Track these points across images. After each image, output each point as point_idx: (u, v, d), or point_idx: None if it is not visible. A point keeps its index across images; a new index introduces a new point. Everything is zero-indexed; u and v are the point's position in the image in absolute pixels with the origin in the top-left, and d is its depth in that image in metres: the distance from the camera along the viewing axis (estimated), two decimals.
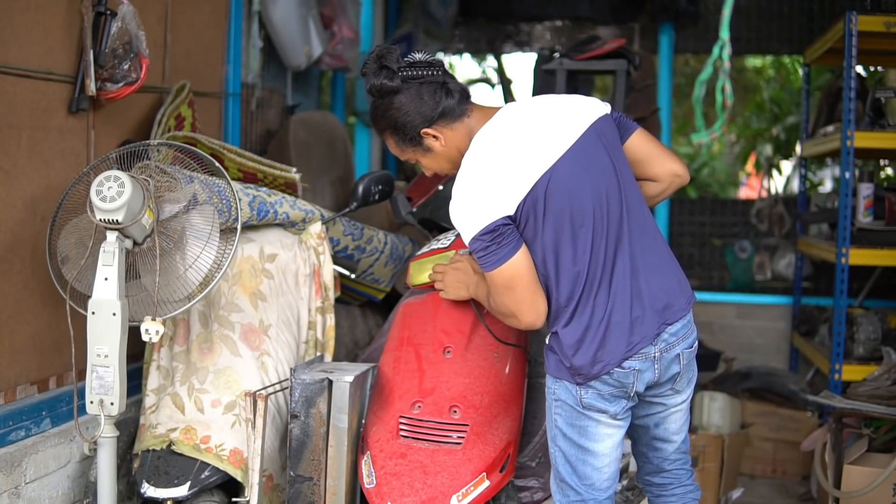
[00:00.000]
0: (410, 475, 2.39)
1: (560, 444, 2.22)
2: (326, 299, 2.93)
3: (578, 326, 2.14)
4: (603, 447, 2.20)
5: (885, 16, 3.95)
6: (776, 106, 7.66)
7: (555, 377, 2.21)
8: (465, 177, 2.16)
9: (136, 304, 2.41)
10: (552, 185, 2.10)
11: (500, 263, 2.09)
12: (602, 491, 2.23)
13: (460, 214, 2.14)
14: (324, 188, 4.01)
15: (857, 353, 4.02)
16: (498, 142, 2.16)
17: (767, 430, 4.39)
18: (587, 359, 2.13)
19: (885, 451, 3.26)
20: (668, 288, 2.19)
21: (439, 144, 2.25)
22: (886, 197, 4.07)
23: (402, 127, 2.24)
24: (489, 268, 2.11)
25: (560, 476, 2.24)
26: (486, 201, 2.10)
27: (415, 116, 2.22)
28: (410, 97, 2.21)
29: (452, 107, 2.22)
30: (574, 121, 2.19)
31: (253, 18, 3.94)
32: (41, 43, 2.57)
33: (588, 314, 2.13)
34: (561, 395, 2.20)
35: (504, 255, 2.09)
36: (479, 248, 2.10)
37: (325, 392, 2.51)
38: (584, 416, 2.18)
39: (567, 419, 2.19)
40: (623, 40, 4.11)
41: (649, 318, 2.15)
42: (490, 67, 7.94)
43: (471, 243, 2.12)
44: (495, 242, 2.08)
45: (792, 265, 5.49)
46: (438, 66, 2.23)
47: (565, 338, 2.15)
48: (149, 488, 2.49)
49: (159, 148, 2.62)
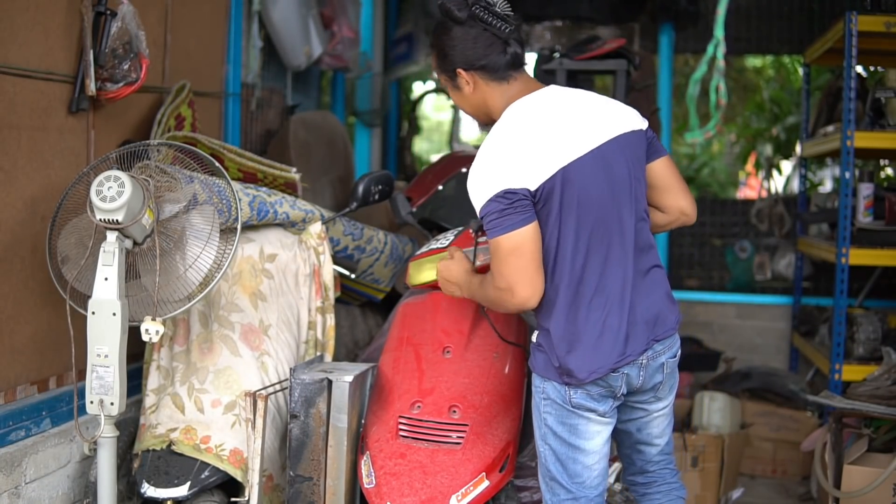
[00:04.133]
0: (410, 475, 2.39)
1: (550, 443, 2.23)
2: (326, 299, 2.93)
3: (571, 326, 2.14)
4: (593, 444, 2.21)
5: (885, 16, 3.95)
6: (776, 106, 7.65)
7: (542, 377, 2.21)
8: (497, 139, 2.15)
9: (136, 304, 2.41)
10: (570, 178, 2.11)
11: (511, 229, 2.07)
12: (593, 489, 2.23)
13: (483, 172, 2.12)
14: (324, 188, 4.01)
15: (857, 353, 4.02)
16: (535, 118, 2.16)
17: (767, 430, 4.39)
18: (578, 363, 2.13)
19: (885, 451, 3.26)
20: (660, 307, 2.22)
21: (469, 89, 2.26)
22: (886, 197, 4.07)
23: (444, 55, 2.25)
24: (500, 232, 2.07)
25: (550, 475, 2.24)
26: (513, 168, 2.09)
27: (458, 54, 2.22)
28: (465, 35, 2.21)
29: (498, 66, 2.21)
30: (606, 124, 2.20)
31: (253, 18, 3.94)
32: (41, 43, 2.57)
33: (583, 316, 2.14)
34: (550, 394, 2.20)
35: (517, 223, 2.07)
36: (493, 210, 2.07)
37: (324, 392, 2.51)
38: (574, 415, 2.18)
39: (558, 417, 2.20)
40: (623, 40, 4.11)
41: (640, 331, 2.18)
42: None
43: (487, 204, 2.09)
44: (512, 207, 2.07)
45: (792, 265, 5.49)
46: (512, 23, 2.21)
47: (556, 334, 2.15)
48: (149, 488, 2.49)
49: (159, 148, 2.62)
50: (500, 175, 2.09)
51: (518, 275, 2.08)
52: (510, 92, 2.23)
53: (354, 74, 5.31)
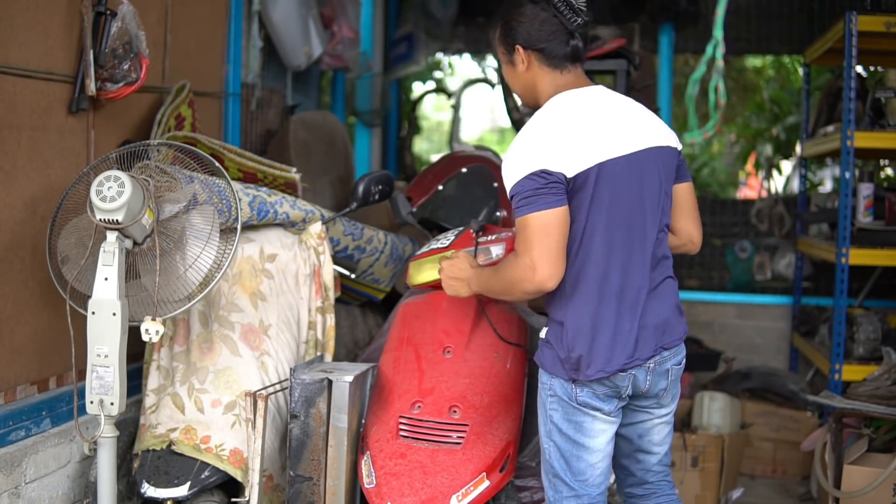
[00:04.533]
0: (410, 475, 2.39)
1: (556, 440, 2.23)
2: (326, 299, 2.93)
3: (588, 321, 2.15)
4: (597, 443, 2.22)
5: (885, 16, 3.95)
6: (776, 106, 7.66)
7: (550, 373, 2.22)
8: (541, 122, 2.18)
9: (136, 304, 2.41)
10: (605, 175, 2.13)
11: (543, 208, 2.07)
12: (595, 487, 2.24)
13: (523, 150, 2.13)
14: (324, 188, 4.01)
15: (857, 353, 4.02)
16: (581, 110, 2.19)
17: (767, 430, 4.39)
18: (588, 359, 2.15)
19: (885, 451, 3.26)
20: (669, 316, 2.25)
21: (522, 67, 2.29)
22: (886, 197, 4.07)
23: (508, 28, 2.30)
24: (532, 209, 2.07)
25: (553, 471, 2.25)
26: (553, 151, 2.11)
27: (521, 31, 2.26)
28: (535, 15, 2.24)
29: (556, 54, 2.24)
30: (646, 133, 2.24)
31: (253, 18, 3.94)
32: (41, 43, 2.57)
33: (600, 313, 2.15)
34: (557, 391, 2.21)
35: (551, 203, 2.08)
36: (527, 188, 2.08)
37: (324, 392, 2.51)
38: (580, 412, 2.19)
39: (564, 415, 2.21)
40: (623, 40, 4.11)
41: (650, 336, 2.20)
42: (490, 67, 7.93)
43: (522, 181, 2.09)
44: (547, 188, 2.08)
45: (792, 265, 5.49)
46: (582, 18, 2.23)
47: (571, 325, 2.16)
48: (149, 488, 2.49)
49: (159, 148, 2.62)
50: (539, 155, 2.10)
51: (544, 253, 2.07)
52: (561, 81, 2.26)
53: (354, 74, 5.31)
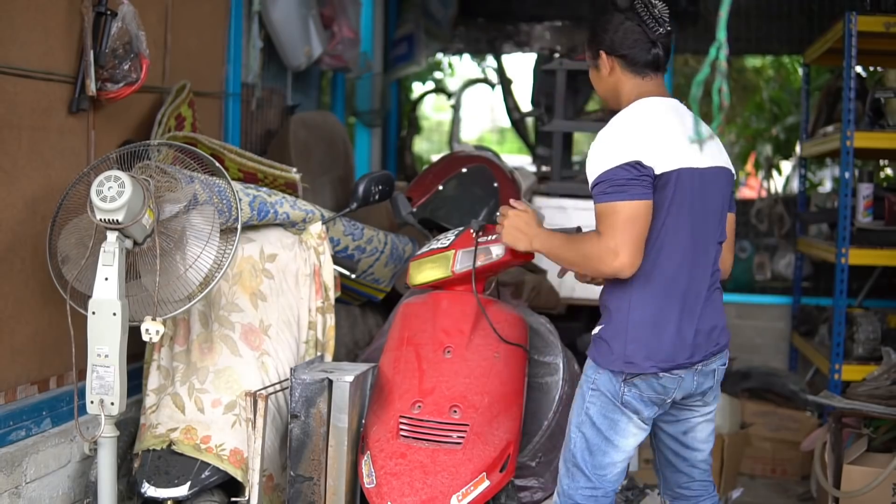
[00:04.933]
0: (410, 475, 2.39)
1: (585, 431, 2.28)
2: (327, 299, 2.93)
3: (654, 315, 2.23)
4: (626, 444, 2.27)
5: (884, 16, 3.96)
6: (776, 106, 7.66)
7: (598, 366, 2.27)
8: (634, 116, 2.25)
9: (136, 304, 2.41)
10: (683, 181, 2.22)
11: (635, 198, 2.15)
12: (611, 483, 2.29)
13: (617, 139, 2.20)
14: (324, 188, 4.01)
15: (857, 352, 4.02)
16: (668, 115, 2.28)
17: (767, 429, 4.39)
18: (646, 352, 2.22)
19: (884, 450, 3.27)
20: (719, 323, 2.35)
21: (605, 72, 2.38)
22: (886, 197, 4.07)
23: (594, 34, 2.39)
24: (623, 198, 2.15)
25: (574, 461, 2.29)
26: (647, 146, 2.19)
27: (607, 38, 2.35)
28: (620, 23, 2.33)
29: (638, 61, 2.32)
30: (717, 153, 2.35)
31: (253, 18, 3.94)
32: (42, 43, 2.57)
33: (666, 311, 2.23)
34: (601, 385, 2.26)
35: (641, 194, 2.16)
36: (619, 177, 2.16)
37: (325, 392, 2.51)
38: (619, 411, 2.25)
39: (602, 409, 2.26)
40: None
41: (703, 341, 2.29)
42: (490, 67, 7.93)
43: (613, 170, 2.16)
44: (638, 179, 2.16)
45: (792, 265, 5.49)
46: (665, 28, 2.30)
47: (635, 317, 2.23)
48: (149, 488, 2.49)
49: (160, 148, 2.62)
50: (634, 147, 2.18)
51: (628, 241, 2.15)
52: (643, 88, 2.34)
53: (354, 74, 5.31)
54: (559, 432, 2.92)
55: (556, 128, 4.08)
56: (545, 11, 6.73)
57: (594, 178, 2.21)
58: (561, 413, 2.89)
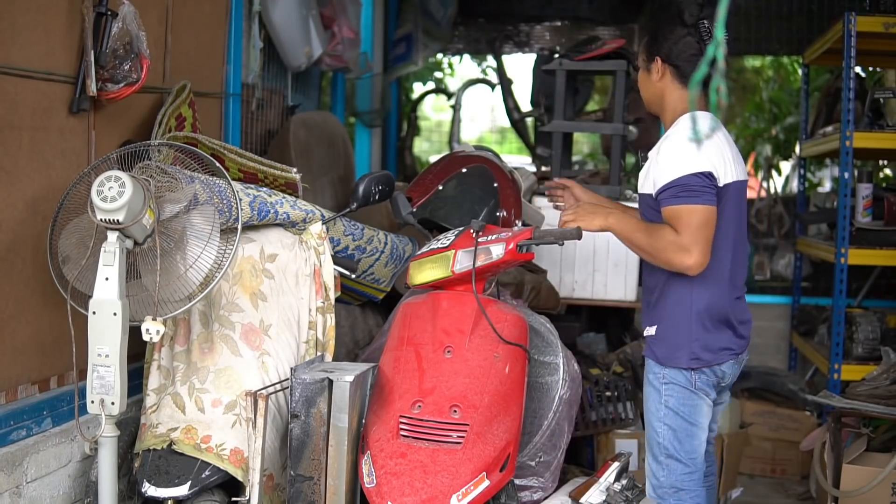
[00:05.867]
0: (410, 475, 2.39)
1: (670, 422, 2.52)
2: (327, 299, 2.93)
3: (718, 309, 2.51)
4: (704, 424, 2.56)
5: (883, 16, 3.96)
6: (775, 106, 7.66)
7: (663, 365, 2.52)
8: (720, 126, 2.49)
9: (136, 304, 2.42)
10: (731, 192, 2.50)
11: (710, 203, 2.41)
12: (701, 461, 2.57)
13: (691, 147, 2.41)
14: (324, 188, 4.01)
15: (856, 352, 4.03)
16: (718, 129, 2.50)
17: (767, 429, 4.40)
18: (714, 342, 2.50)
19: (883, 450, 3.27)
20: (750, 320, 2.66)
21: (656, 77, 2.59)
22: (885, 197, 4.08)
23: (655, 38, 2.60)
24: (700, 201, 2.40)
25: (667, 453, 2.53)
26: (715, 159, 2.45)
27: (666, 46, 2.56)
28: (681, 36, 2.54)
29: (688, 74, 2.55)
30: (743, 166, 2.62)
31: (253, 19, 3.94)
32: (42, 44, 2.57)
33: (726, 306, 2.52)
34: (673, 378, 2.51)
35: (713, 201, 2.42)
36: (695, 183, 2.40)
37: (325, 392, 2.51)
38: (696, 396, 2.52)
39: (680, 399, 2.51)
40: (623, 41, 4.12)
41: (744, 333, 2.60)
42: (490, 68, 7.93)
43: (690, 176, 2.40)
44: (710, 188, 2.42)
45: (791, 265, 5.49)
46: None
47: (700, 308, 2.48)
48: (149, 488, 2.49)
49: (160, 148, 2.62)
50: (706, 158, 2.43)
51: (703, 242, 2.40)
52: (687, 100, 2.55)
53: (354, 75, 5.32)
54: (559, 432, 2.93)
55: (556, 128, 4.08)
56: (545, 11, 6.73)
57: (667, 181, 2.43)
58: (561, 413, 2.89)
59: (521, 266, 3.54)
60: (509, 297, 3.29)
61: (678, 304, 2.49)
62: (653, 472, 2.57)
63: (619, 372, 3.90)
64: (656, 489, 2.56)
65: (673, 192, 2.41)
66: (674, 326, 2.50)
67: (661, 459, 2.53)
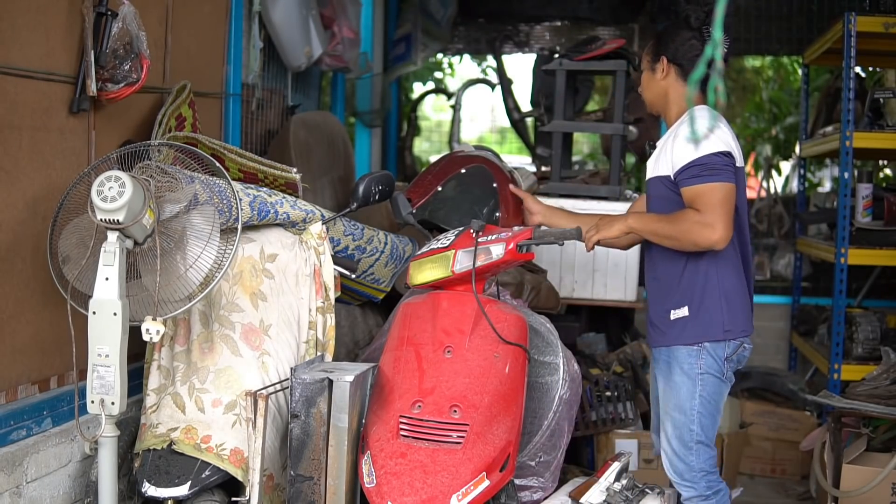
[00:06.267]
0: (410, 475, 2.39)
1: (703, 410, 2.63)
2: (327, 299, 2.93)
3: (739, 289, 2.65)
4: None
5: (883, 16, 3.97)
6: (775, 106, 7.66)
7: (698, 344, 2.62)
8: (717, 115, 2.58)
9: (136, 304, 2.42)
10: (740, 177, 2.62)
11: (730, 181, 2.54)
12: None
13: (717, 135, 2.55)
14: (324, 188, 4.01)
15: (856, 352, 4.03)
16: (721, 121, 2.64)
17: (767, 429, 4.40)
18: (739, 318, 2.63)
19: (883, 450, 3.27)
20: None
21: (660, 76, 2.72)
22: (885, 197, 4.08)
23: (661, 40, 2.73)
24: (723, 179, 2.52)
25: (699, 439, 2.65)
26: (731, 141, 2.60)
27: (672, 47, 2.69)
28: (686, 38, 2.68)
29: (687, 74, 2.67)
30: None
31: (253, 19, 3.94)
32: (42, 44, 2.57)
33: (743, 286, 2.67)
34: (709, 369, 2.63)
35: (730, 178, 2.54)
36: (716, 162, 2.53)
37: (325, 392, 2.51)
38: (724, 384, 2.66)
39: (712, 388, 2.64)
40: (623, 41, 4.12)
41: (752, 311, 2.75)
42: (490, 68, 7.93)
43: (714, 155, 2.53)
44: (730, 167, 2.55)
45: (791, 265, 5.49)
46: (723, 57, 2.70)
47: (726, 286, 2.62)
48: (149, 488, 2.49)
49: (160, 148, 2.62)
50: (724, 139, 2.57)
51: (724, 217, 2.51)
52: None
53: (354, 75, 5.32)
54: (559, 432, 2.93)
55: (556, 128, 4.09)
56: (545, 11, 6.73)
57: (687, 161, 2.54)
58: (561, 413, 2.89)
59: (521, 266, 3.53)
60: (509, 297, 3.29)
61: (707, 282, 2.62)
62: (680, 458, 2.66)
63: (619, 372, 3.90)
64: (684, 474, 2.66)
65: (693, 171, 2.53)
66: (705, 303, 2.62)
67: (692, 445, 2.64)
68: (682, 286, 2.67)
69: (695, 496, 2.68)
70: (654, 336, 2.77)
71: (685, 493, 2.70)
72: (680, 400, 2.65)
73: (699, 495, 2.67)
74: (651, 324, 2.78)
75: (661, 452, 2.77)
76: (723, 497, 2.69)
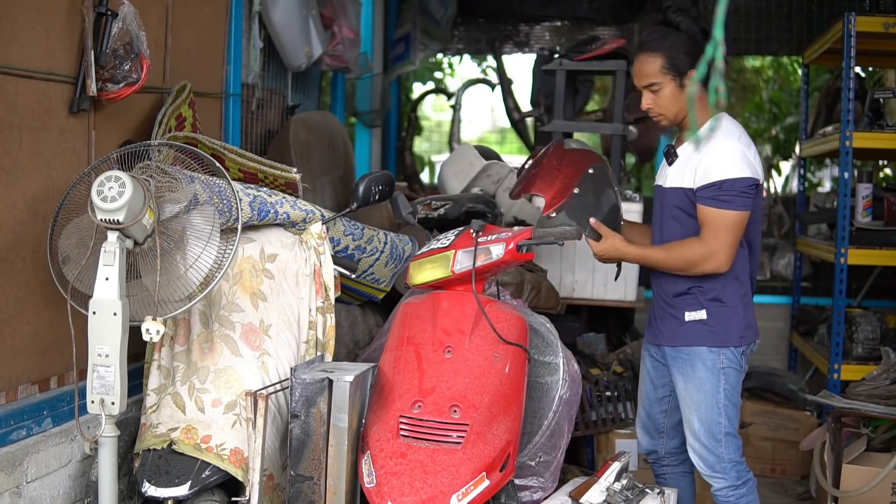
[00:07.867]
0: (410, 475, 2.39)
1: (727, 403, 2.72)
2: (327, 299, 2.93)
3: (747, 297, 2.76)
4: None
5: (883, 16, 3.97)
6: (775, 106, 7.66)
7: (719, 346, 2.71)
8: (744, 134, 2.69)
9: (136, 304, 2.42)
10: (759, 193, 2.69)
11: (745, 209, 2.62)
12: None
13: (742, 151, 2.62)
14: (324, 188, 4.01)
15: (856, 352, 4.03)
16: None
17: (767, 429, 4.40)
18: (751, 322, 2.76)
19: (883, 450, 3.27)
20: None
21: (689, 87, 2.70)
22: (885, 197, 4.08)
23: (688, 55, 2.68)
24: (738, 207, 2.61)
25: (725, 430, 2.73)
26: (756, 161, 2.67)
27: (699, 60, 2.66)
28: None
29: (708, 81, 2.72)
30: None
31: (253, 19, 3.94)
32: (42, 44, 2.57)
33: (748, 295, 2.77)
34: (730, 363, 2.72)
35: (747, 206, 2.63)
36: (739, 186, 2.60)
37: (325, 392, 2.52)
38: (741, 374, 2.77)
39: (735, 380, 2.74)
40: (623, 41, 4.12)
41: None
42: (490, 68, 7.93)
43: (732, 181, 2.60)
44: (752, 194, 2.62)
45: (791, 265, 5.50)
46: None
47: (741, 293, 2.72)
48: (150, 487, 2.49)
49: (160, 148, 2.62)
50: (752, 163, 2.64)
51: (731, 246, 2.63)
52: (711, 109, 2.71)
53: (355, 75, 5.32)
54: (559, 432, 2.93)
55: (556, 128, 4.08)
56: (545, 11, 6.73)
57: (712, 180, 2.60)
58: (561, 413, 2.89)
59: (521, 266, 3.53)
60: (509, 297, 3.29)
61: (726, 287, 2.70)
62: (710, 451, 2.73)
63: (619, 372, 3.90)
64: (715, 466, 2.73)
65: (713, 192, 2.61)
66: (724, 308, 2.71)
67: (721, 438, 2.72)
68: (698, 291, 2.75)
69: (726, 486, 2.75)
70: (665, 335, 2.82)
71: (716, 483, 2.76)
72: (705, 395, 2.73)
73: (730, 485, 2.74)
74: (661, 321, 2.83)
75: (689, 448, 2.82)
76: (752, 486, 2.76)
